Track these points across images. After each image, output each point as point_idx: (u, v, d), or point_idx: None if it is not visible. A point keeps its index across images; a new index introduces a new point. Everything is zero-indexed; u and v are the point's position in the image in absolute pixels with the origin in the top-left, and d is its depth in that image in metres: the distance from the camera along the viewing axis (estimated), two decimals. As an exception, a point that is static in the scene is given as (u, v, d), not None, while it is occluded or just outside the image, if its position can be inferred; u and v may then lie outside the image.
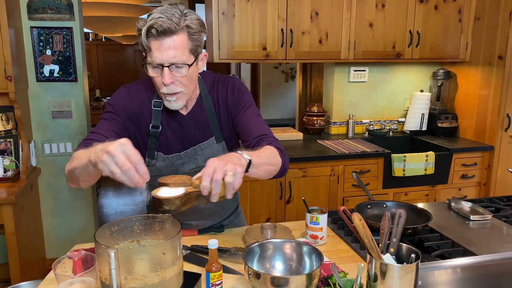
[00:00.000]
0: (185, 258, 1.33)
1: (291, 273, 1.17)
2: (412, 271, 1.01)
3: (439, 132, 3.26)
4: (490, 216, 1.60)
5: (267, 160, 1.24)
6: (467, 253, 1.31)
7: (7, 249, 2.35)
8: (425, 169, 2.82)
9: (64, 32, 2.80)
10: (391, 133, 3.34)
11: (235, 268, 1.27)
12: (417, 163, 2.79)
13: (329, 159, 2.75)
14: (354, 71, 3.29)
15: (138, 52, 7.84)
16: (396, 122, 3.47)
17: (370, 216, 1.56)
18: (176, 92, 1.29)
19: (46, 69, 2.82)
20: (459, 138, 3.24)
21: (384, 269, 1.01)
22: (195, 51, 1.28)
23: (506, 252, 1.28)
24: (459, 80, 3.29)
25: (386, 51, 3.00)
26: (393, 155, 2.77)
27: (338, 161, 2.76)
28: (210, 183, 1.02)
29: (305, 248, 1.18)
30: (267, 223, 1.47)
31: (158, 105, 1.39)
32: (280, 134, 3.16)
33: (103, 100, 6.74)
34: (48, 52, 2.80)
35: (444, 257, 1.32)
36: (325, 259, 1.20)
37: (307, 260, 1.17)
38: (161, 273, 0.94)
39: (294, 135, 3.20)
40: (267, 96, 5.91)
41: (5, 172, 2.60)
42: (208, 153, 1.44)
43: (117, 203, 4.82)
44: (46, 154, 2.93)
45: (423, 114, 3.28)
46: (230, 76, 1.52)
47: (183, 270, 1.05)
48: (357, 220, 1.04)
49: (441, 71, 3.29)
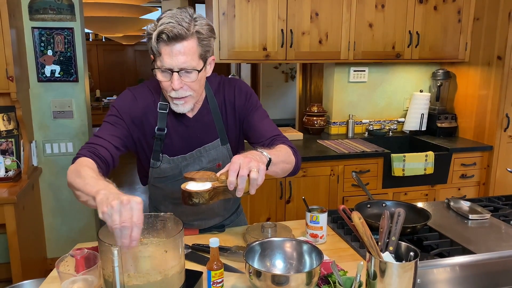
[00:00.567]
0: (187, 257, 1.34)
1: (291, 272, 1.18)
2: (411, 269, 1.03)
3: (439, 132, 3.27)
4: (488, 216, 1.61)
5: (283, 158, 1.27)
6: (465, 252, 1.33)
7: (8, 248, 2.36)
8: (425, 169, 2.83)
9: (65, 33, 2.81)
10: (390, 133, 3.35)
11: (236, 266, 1.29)
12: (417, 163, 2.80)
13: (329, 159, 2.76)
14: (354, 71, 3.30)
15: (138, 52, 7.86)
16: (395, 122, 3.48)
17: (369, 215, 1.57)
18: (184, 96, 1.30)
19: (47, 70, 2.84)
20: (459, 138, 3.25)
21: (383, 267, 1.02)
22: (204, 56, 1.29)
23: (504, 251, 1.29)
24: (458, 80, 3.30)
25: (385, 51, 3.01)
26: (392, 155, 2.78)
27: (338, 161, 2.77)
28: (236, 178, 1.06)
29: (305, 247, 1.19)
30: (268, 222, 1.48)
31: (164, 108, 1.39)
32: (280, 134, 3.17)
33: (103, 100, 6.76)
34: (49, 52, 2.81)
35: (443, 255, 1.33)
36: (325, 258, 1.22)
37: (307, 259, 1.18)
38: (163, 271, 0.95)
39: (294, 135, 3.21)
40: (267, 96, 5.92)
41: (6, 172, 2.61)
42: (212, 155, 1.45)
43: (118, 203, 4.82)
44: (47, 154, 2.94)
45: (422, 114, 3.29)
46: (234, 78, 1.53)
47: (185, 268, 1.06)
48: (357, 219, 1.05)
49: (441, 71, 3.31)
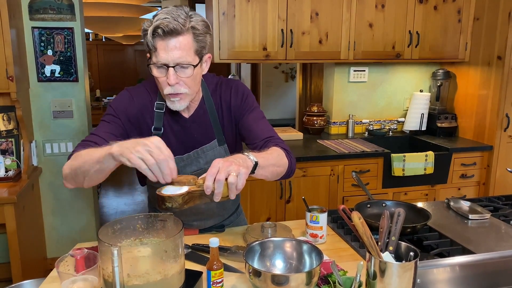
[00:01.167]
0: (187, 257, 1.34)
1: (291, 271, 1.18)
2: (410, 269, 1.03)
3: (439, 132, 3.27)
4: (488, 215, 1.61)
5: (273, 162, 1.25)
6: (465, 252, 1.33)
7: (8, 248, 2.36)
8: (425, 169, 2.83)
9: (65, 33, 2.81)
10: (390, 133, 3.35)
11: (236, 266, 1.29)
12: (417, 162, 2.80)
13: (329, 159, 2.76)
14: (354, 71, 3.30)
15: (138, 52, 7.85)
16: (395, 122, 3.48)
17: (369, 215, 1.57)
18: (180, 93, 1.30)
19: (47, 69, 2.84)
20: (459, 138, 3.25)
21: (383, 267, 1.02)
22: (200, 52, 1.29)
23: (504, 251, 1.29)
24: (458, 80, 3.30)
25: (385, 51, 3.01)
26: (392, 155, 2.78)
27: (338, 161, 2.77)
28: (214, 182, 1.03)
29: (305, 247, 1.19)
30: (268, 222, 1.48)
31: (160, 107, 1.39)
32: (280, 134, 3.14)
33: (104, 100, 6.77)
34: (49, 52, 2.82)
35: (442, 255, 1.33)
36: (325, 258, 1.22)
37: (307, 259, 1.18)
38: (163, 270, 0.95)
39: (294, 135, 3.21)
40: (267, 96, 5.92)
41: (6, 172, 2.61)
42: (210, 156, 1.45)
43: (118, 202, 4.83)
44: (47, 154, 2.94)
45: (422, 114, 3.29)
46: (233, 79, 1.53)
47: (185, 268, 1.06)
48: (357, 218, 1.05)
49: (441, 71, 3.30)
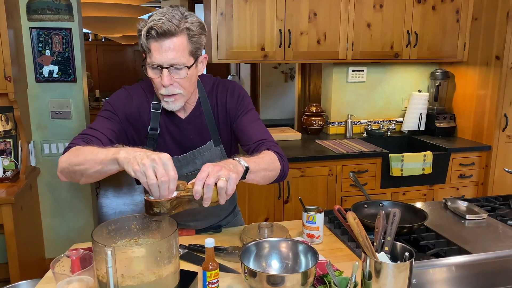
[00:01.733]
0: (183, 257, 1.34)
1: (287, 272, 1.18)
2: (406, 269, 1.02)
3: (437, 132, 3.27)
4: (485, 216, 1.61)
5: (265, 166, 1.24)
6: (462, 252, 1.32)
7: (6, 249, 2.36)
8: (423, 169, 2.83)
9: (63, 33, 2.81)
10: (389, 133, 3.35)
11: (232, 267, 1.28)
12: (415, 162, 2.80)
13: (327, 159, 2.76)
14: (352, 71, 3.30)
15: (138, 53, 7.85)
16: (394, 122, 3.48)
17: (366, 216, 1.57)
18: (174, 94, 1.30)
19: (45, 70, 2.84)
20: (457, 138, 3.25)
21: (378, 267, 1.02)
22: (194, 53, 1.29)
23: (501, 251, 1.29)
24: (457, 80, 3.30)
25: (384, 51, 3.01)
26: (391, 155, 2.78)
27: (336, 161, 2.77)
28: (203, 187, 1.02)
29: (300, 247, 1.19)
30: (264, 223, 1.48)
31: (157, 108, 1.39)
32: (279, 134, 3.17)
33: (103, 100, 6.76)
34: (47, 52, 2.81)
35: (439, 255, 1.33)
36: (321, 258, 1.21)
37: (302, 259, 1.18)
38: (157, 271, 0.95)
39: (293, 135, 3.21)
40: (267, 96, 5.92)
41: (4, 172, 2.61)
42: (206, 157, 1.44)
43: (117, 203, 4.83)
44: (45, 154, 2.94)
45: (421, 114, 3.29)
46: (229, 80, 1.52)
47: (180, 269, 1.06)
48: (352, 218, 1.05)
49: (439, 71, 3.30)
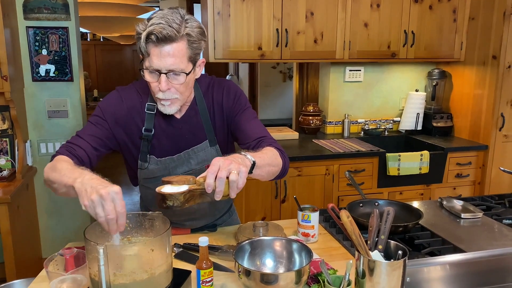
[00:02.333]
0: (177, 256, 1.34)
1: (281, 270, 1.18)
2: (399, 267, 1.02)
3: (434, 132, 3.27)
4: (481, 214, 1.61)
5: (269, 161, 1.25)
6: (456, 251, 1.32)
7: (2, 248, 2.35)
8: (420, 168, 2.83)
9: (60, 32, 2.80)
10: (386, 133, 3.35)
11: (226, 265, 1.28)
12: (412, 162, 2.80)
13: (324, 159, 2.76)
14: (350, 70, 3.30)
15: (136, 52, 7.85)
16: (391, 121, 3.48)
17: (362, 215, 1.58)
18: (171, 98, 1.30)
19: (42, 69, 2.83)
20: (454, 138, 3.25)
21: (371, 265, 1.02)
22: (193, 59, 1.28)
23: (494, 249, 1.29)
24: (454, 79, 3.30)
25: (381, 51, 3.01)
26: (387, 154, 2.78)
27: (333, 160, 2.77)
28: (215, 180, 1.03)
29: (295, 246, 1.19)
30: (260, 221, 1.48)
31: (151, 109, 1.38)
32: (276, 134, 3.17)
33: (101, 100, 6.76)
34: (44, 52, 2.81)
35: (434, 254, 1.33)
36: (315, 256, 1.21)
37: (297, 257, 1.18)
38: (150, 269, 0.95)
39: (290, 134, 3.21)
40: (265, 96, 5.92)
41: (0, 172, 2.60)
42: (201, 156, 1.44)
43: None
44: (42, 154, 2.94)
45: (418, 114, 3.29)
46: (225, 79, 1.52)
47: (173, 267, 1.06)
48: (345, 217, 1.05)
49: (436, 70, 3.31)
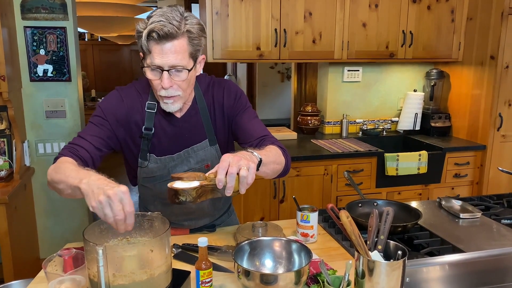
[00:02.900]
0: (176, 257, 1.34)
1: (280, 271, 1.17)
2: (399, 267, 1.02)
3: (432, 132, 3.28)
4: (479, 214, 1.61)
5: (273, 159, 1.27)
6: (455, 251, 1.33)
7: (0, 249, 2.34)
8: (418, 168, 2.83)
9: (58, 32, 2.80)
10: (384, 133, 3.35)
11: (226, 266, 1.28)
12: (410, 162, 2.81)
13: (323, 159, 2.76)
14: (348, 71, 3.30)
15: (134, 52, 7.83)
16: (389, 121, 3.49)
17: (360, 215, 1.58)
18: (173, 95, 1.30)
19: (40, 69, 2.82)
20: (452, 138, 3.26)
21: (371, 266, 1.02)
22: (194, 56, 1.29)
23: (493, 249, 1.29)
24: (452, 80, 3.31)
25: (379, 51, 3.02)
26: (386, 154, 2.78)
27: (332, 160, 2.77)
28: (225, 176, 1.04)
29: (294, 246, 1.19)
30: (259, 222, 1.48)
31: (152, 107, 1.39)
32: (275, 134, 3.15)
33: (99, 100, 6.74)
34: (42, 51, 2.80)
35: (433, 254, 1.33)
36: (315, 257, 1.21)
37: (296, 258, 1.18)
38: (149, 270, 0.94)
39: (288, 134, 3.21)
40: (263, 96, 5.91)
41: (-2, 172, 2.60)
42: (201, 155, 1.44)
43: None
44: (40, 154, 2.93)
45: (416, 114, 3.29)
46: (224, 79, 1.52)
47: (173, 268, 1.05)
48: (345, 217, 1.05)
49: (434, 71, 3.31)
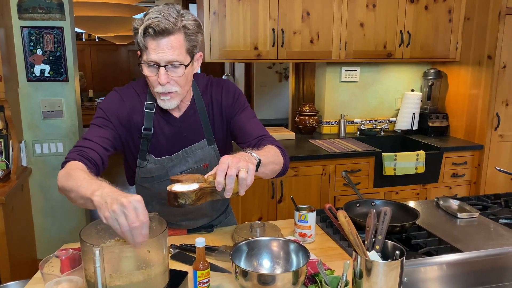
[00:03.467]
0: (174, 257, 1.33)
1: (278, 271, 1.17)
2: (396, 267, 1.02)
3: (430, 132, 3.28)
4: (477, 214, 1.61)
5: (272, 159, 1.26)
6: (453, 250, 1.33)
7: (-3, 249, 2.34)
8: (416, 168, 2.84)
9: (55, 32, 2.79)
10: (382, 133, 3.35)
11: (223, 266, 1.28)
12: (408, 162, 2.81)
13: (321, 159, 2.76)
14: (346, 70, 3.30)
15: (132, 52, 7.82)
16: (387, 121, 3.49)
17: (358, 215, 1.57)
18: (170, 92, 1.29)
19: (37, 69, 2.81)
20: (450, 137, 3.26)
21: (369, 266, 1.02)
22: (191, 51, 1.29)
23: (491, 249, 1.29)
24: (449, 79, 3.32)
25: (377, 51, 3.02)
26: (383, 154, 2.79)
27: (330, 160, 2.77)
28: (224, 178, 1.04)
29: (292, 246, 1.19)
30: (256, 222, 1.48)
31: (150, 107, 1.38)
32: (273, 134, 3.13)
33: (96, 100, 6.73)
34: (39, 51, 2.79)
35: (431, 254, 1.33)
36: (312, 257, 1.21)
37: (294, 258, 1.18)
38: (146, 271, 0.94)
39: (286, 134, 3.21)
40: (261, 96, 5.91)
41: (-5, 173, 2.59)
42: (199, 155, 1.44)
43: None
44: (37, 154, 2.92)
45: (414, 114, 3.30)
46: (223, 78, 1.52)
47: (170, 268, 1.05)
48: (342, 217, 1.05)
49: (432, 70, 3.32)
